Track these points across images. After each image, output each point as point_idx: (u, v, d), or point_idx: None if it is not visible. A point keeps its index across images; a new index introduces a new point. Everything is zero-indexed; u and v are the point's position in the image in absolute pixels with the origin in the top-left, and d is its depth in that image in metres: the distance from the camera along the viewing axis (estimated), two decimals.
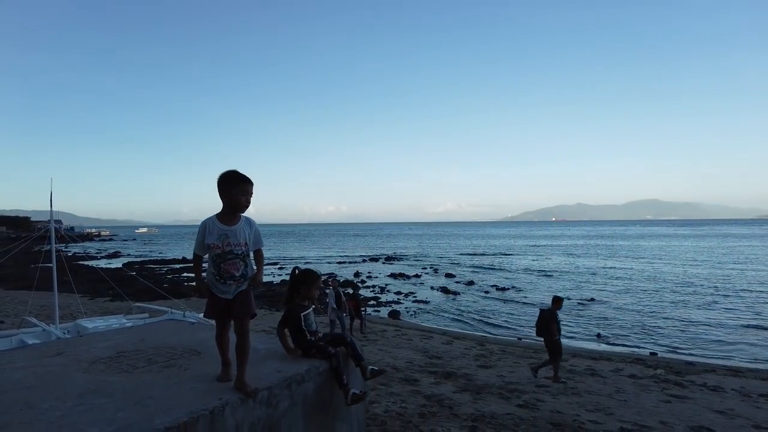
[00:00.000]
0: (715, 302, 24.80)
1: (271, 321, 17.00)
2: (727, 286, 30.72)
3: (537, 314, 10.26)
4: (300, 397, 2.97)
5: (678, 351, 15.69)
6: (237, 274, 3.05)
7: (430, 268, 46.55)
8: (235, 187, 3.04)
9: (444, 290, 30.44)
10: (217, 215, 3.14)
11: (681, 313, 22.18)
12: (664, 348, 16.03)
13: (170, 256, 64.31)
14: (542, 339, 9.79)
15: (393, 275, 39.25)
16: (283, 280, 35.03)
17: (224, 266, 3.06)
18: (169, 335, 4.25)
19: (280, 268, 47.02)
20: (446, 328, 18.80)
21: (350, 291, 16.27)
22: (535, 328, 10.04)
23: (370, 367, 3.46)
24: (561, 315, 10.35)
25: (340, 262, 53.53)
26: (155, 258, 60.83)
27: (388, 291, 30.63)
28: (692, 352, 15.62)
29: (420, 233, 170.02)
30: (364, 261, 55.50)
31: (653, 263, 47.59)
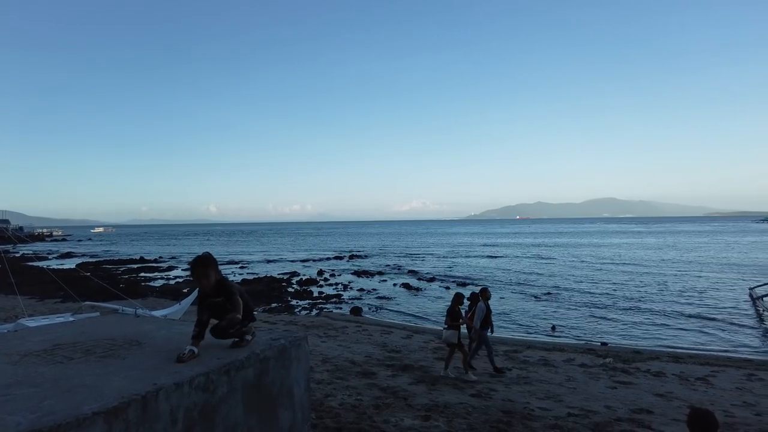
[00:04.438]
0: (665, 295, 25.97)
1: None
2: (675, 280, 32.24)
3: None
4: (240, 383, 2.97)
5: (627, 340, 16.39)
6: None
7: (394, 265, 46.79)
8: None
9: (406, 287, 30.68)
10: None
11: (632, 305, 23.12)
12: (615, 338, 16.71)
13: (127, 255, 62.32)
14: None
15: (356, 273, 39.30)
16: (244, 280, 34.53)
17: None
18: (111, 328, 4.16)
19: (241, 267, 46.29)
20: (406, 323, 18.99)
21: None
22: None
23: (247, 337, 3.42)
24: (516, 307, 10.35)
25: (303, 261, 53.16)
26: (111, 258, 58.78)
27: (351, 288, 30.64)
28: (640, 341, 16.35)
29: (385, 232, 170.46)
30: (328, 259, 55.27)
31: (610, 259, 49.35)
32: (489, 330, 10.03)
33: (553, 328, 18.40)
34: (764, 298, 21.36)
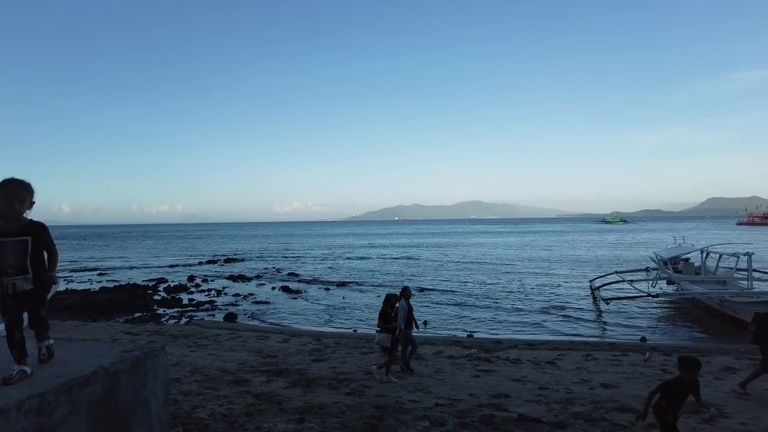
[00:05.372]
0: (523, 290, 28.74)
1: (84, 333, 15.03)
2: (532, 276, 35.86)
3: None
4: (84, 402, 2.68)
5: (490, 331, 17.86)
6: None
7: (273, 268, 45.71)
8: None
9: (285, 290, 30.16)
10: None
11: (495, 299, 25.25)
12: (480, 330, 18.10)
13: None
14: (758, 347, 8.14)
15: (232, 277, 37.63)
16: (102, 288, 31.24)
17: None
18: None
19: (99, 274, 41.84)
20: (284, 327, 18.70)
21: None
22: (750, 336, 8.14)
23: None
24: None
25: (172, 266, 49.48)
26: None
27: (225, 294, 29.28)
28: (501, 332, 17.92)
29: (265, 233, 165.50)
30: (200, 264, 52.12)
31: (476, 258, 53.28)
32: (413, 328, 10.04)
33: (425, 323, 19.37)
34: (600, 289, 24.64)
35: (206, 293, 29.76)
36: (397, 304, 9.70)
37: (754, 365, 8.55)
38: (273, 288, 31.57)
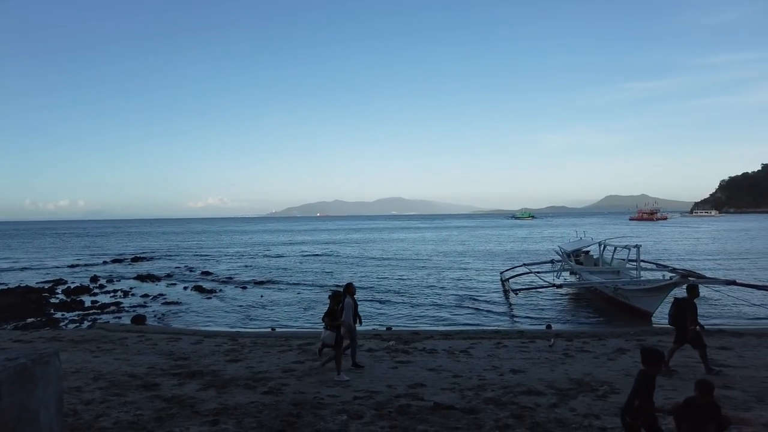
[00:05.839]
0: (440, 283, 29.68)
1: None
2: (448, 270, 37.14)
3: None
4: None
5: (408, 324, 18.28)
6: None
7: (185, 267, 43.52)
8: None
9: (199, 289, 28.82)
10: None
11: (414, 293, 25.86)
12: (399, 323, 18.46)
13: None
14: (674, 328, 9.12)
15: (140, 277, 35.29)
16: None
17: None
18: None
19: None
20: (197, 328, 17.88)
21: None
22: (669, 317, 9.35)
23: None
24: (311, 301, 10.37)
25: (72, 266, 45.45)
26: None
27: (133, 295, 27.46)
28: (419, 324, 18.41)
29: (176, 231, 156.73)
30: (105, 263, 48.38)
31: (395, 254, 54.22)
32: (357, 324, 9.92)
33: None
34: (510, 280, 26.07)
35: (111, 294, 27.74)
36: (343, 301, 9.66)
37: (642, 346, 9.52)
38: (185, 288, 30.07)
